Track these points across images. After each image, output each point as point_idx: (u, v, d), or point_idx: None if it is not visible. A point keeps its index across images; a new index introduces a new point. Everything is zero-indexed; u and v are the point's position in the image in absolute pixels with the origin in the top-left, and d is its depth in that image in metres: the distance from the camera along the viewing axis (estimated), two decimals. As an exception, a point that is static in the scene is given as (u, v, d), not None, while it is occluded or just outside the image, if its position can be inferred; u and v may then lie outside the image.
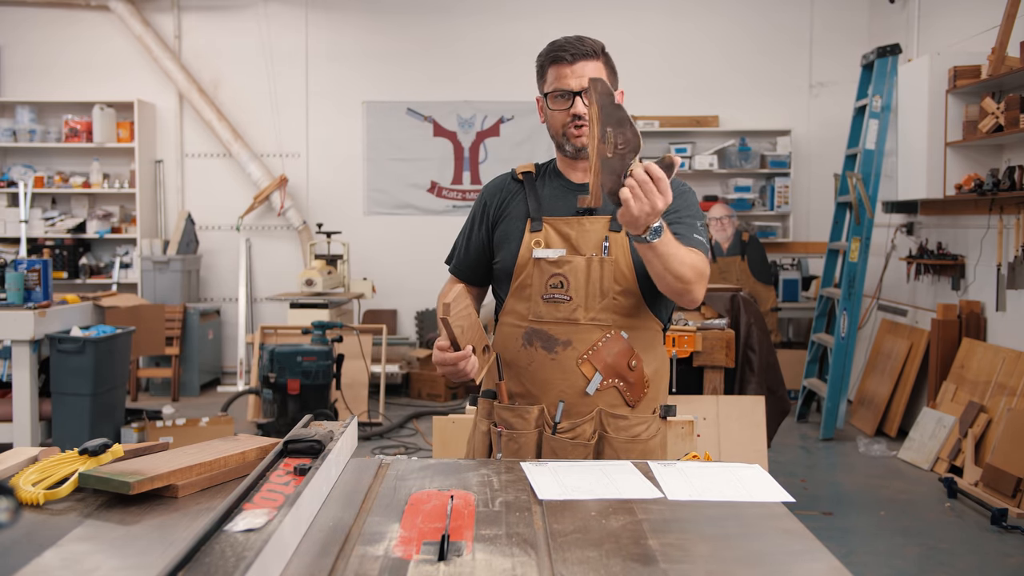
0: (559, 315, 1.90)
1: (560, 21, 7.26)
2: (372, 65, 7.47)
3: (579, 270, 1.88)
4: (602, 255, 1.89)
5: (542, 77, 1.93)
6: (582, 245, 1.90)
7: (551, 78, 1.90)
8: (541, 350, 1.91)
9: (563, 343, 1.89)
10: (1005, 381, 4.68)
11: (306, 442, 1.50)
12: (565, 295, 1.89)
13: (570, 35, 1.91)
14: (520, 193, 2.01)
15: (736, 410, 3.64)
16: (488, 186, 2.10)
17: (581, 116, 1.87)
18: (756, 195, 7.33)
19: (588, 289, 1.89)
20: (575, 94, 1.86)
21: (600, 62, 1.89)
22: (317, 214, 7.42)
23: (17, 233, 6.84)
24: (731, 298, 4.24)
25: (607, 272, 1.88)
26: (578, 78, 1.86)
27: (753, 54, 7.35)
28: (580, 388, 1.89)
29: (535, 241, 1.93)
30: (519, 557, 1.17)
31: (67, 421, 4.43)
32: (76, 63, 7.43)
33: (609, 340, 1.89)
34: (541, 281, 1.91)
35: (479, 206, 2.07)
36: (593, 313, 1.89)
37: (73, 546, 1.21)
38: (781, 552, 1.24)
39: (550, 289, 1.90)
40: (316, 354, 5.37)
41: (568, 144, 1.92)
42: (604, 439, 1.90)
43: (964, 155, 5.22)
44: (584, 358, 1.89)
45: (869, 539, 3.88)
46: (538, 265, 1.91)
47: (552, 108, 1.91)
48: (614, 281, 1.89)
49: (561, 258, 1.90)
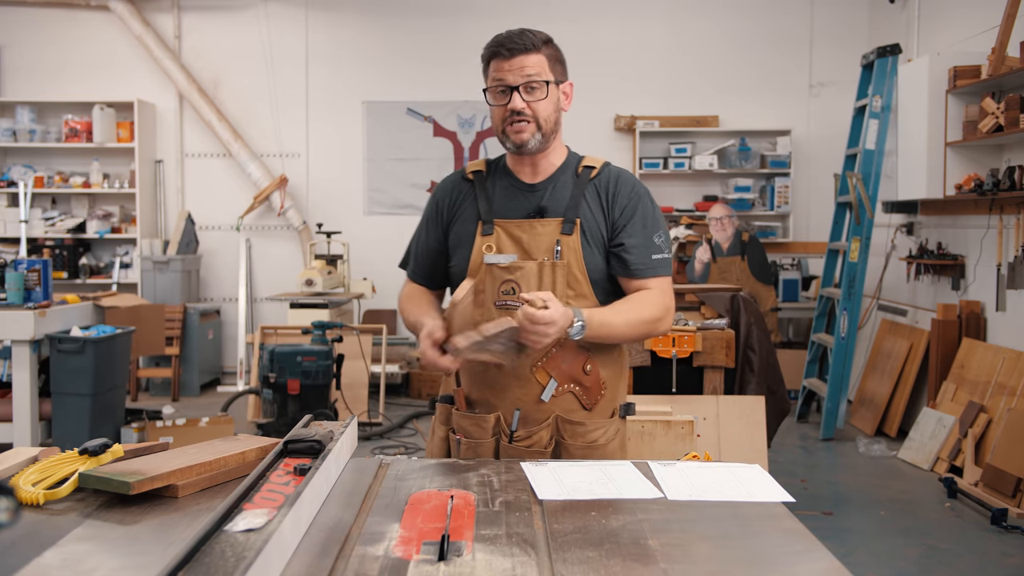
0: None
1: (561, 21, 7.28)
2: (372, 65, 7.47)
3: (531, 275, 1.85)
4: (554, 259, 1.86)
5: (485, 72, 1.90)
6: (534, 249, 1.87)
7: (491, 72, 1.86)
8: None
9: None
10: (1005, 381, 4.68)
11: (306, 442, 1.50)
12: (517, 302, 1.84)
13: (514, 28, 1.88)
14: (471, 194, 1.97)
15: (736, 410, 3.64)
16: (440, 186, 2.05)
17: (520, 112, 1.84)
18: (756, 195, 7.33)
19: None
20: (513, 89, 1.83)
21: (542, 54, 1.85)
22: (317, 214, 7.42)
23: (17, 233, 6.83)
24: (731, 298, 4.24)
25: (559, 277, 1.85)
26: (516, 72, 1.83)
27: (753, 54, 7.35)
28: (536, 395, 1.87)
29: (486, 245, 1.89)
30: (519, 557, 1.17)
31: (67, 421, 4.43)
32: (76, 63, 7.43)
33: (564, 346, 1.85)
34: (493, 287, 1.87)
35: (432, 208, 2.03)
36: None
37: (73, 546, 1.21)
38: (781, 552, 1.24)
39: (502, 296, 1.86)
40: (316, 354, 5.37)
41: (508, 141, 1.89)
42: (561, 445, 1.88)
43: (964, 155, 5.22)
44: (539, 365, 1.85)
45: (869, 539, 3.88)
46: (490, 271, 1.87)
47: (491, 103, 1.87)
48: (567, 286, 1.86)
49: (513, 264, 1.86)
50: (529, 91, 1.83)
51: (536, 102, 1.84)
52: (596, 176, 1.93)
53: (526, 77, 1.83)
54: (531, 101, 1.84)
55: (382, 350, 6.40)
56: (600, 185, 1.92)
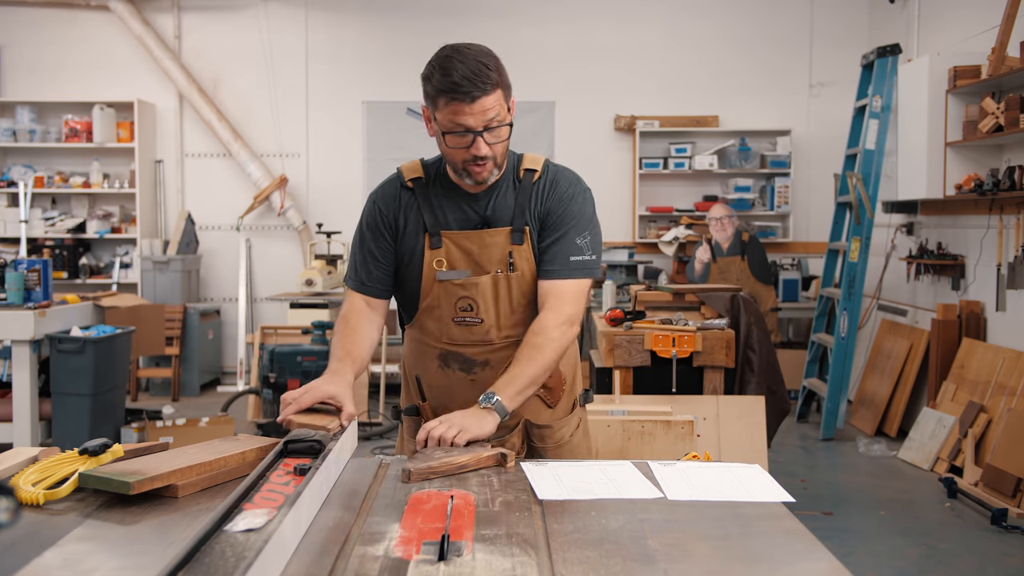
0: (473, 338, 1.85)
1: (561, 21, 7.29)
2: (372, 65, 7.47)
3: (486, 290, 1.82)
4: (508, 271, 1.82)
5: (433, 103, 1.74)
6: (485, 261, 1.83)
7: (446, 111, 1.71)
8: (459, 372, 1.87)
9: (480, 364, 1.86)
10: (1005, 381, 4.68)
11: (306, 442, 1.50)
12: (476, 317, 1.83)
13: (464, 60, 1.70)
14: (413, 203, 1.88)
15: (736, 410, 3.64)
16: (380, 194, 1.93)
17: (483, 157, 1.74)
18: (756, 195, 7.33)
19: (498, 308, 1.84)
20: (476, 133, 1.72)
21: (498, 89, 1.73)
22: (317, 214, 7.42)
23: (17, 233, 6.83)
24: (731, 298, 4.24)
25: (515, 287, 1.83)
26: (478, 115, 1.70)
27: (753, 54, 7.35)
28: None
29: (436, 260, 1.83)
30: (519, 557, 1.17)
31: (67, 421, 4.43)
32: (76, 63, 7.42)
33: None
34: (449, 303, 1.83)
35: (374, 216, 1.91)
36: (506, 331, 1.85)
37: (73, 546, 1.21)
38: (781, 552, 1.24)
39: (460, 312, 1.84)
40: (316, 354, 5.37)
41: (468, 179, 1.79)
42: (533, 449, 1.91)
43: (964, 155, 5.22)
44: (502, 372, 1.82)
45: (869, 539, 3.88)
46: (443, 287, 1.83)
47: (451, 145, 1.75)
48: (522, 295, 1.84)
49: (467, 280, 1.82)
50: (490, 132, 1.73)
51: (497, 143, 1.75)
52: (537, 179, 1.87)
53: (488, 120, 1.71)
54: (493, 143, 1.75)
55: (382, 350, 6.40)
56: (539, 189, 1.86)
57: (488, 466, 1.61)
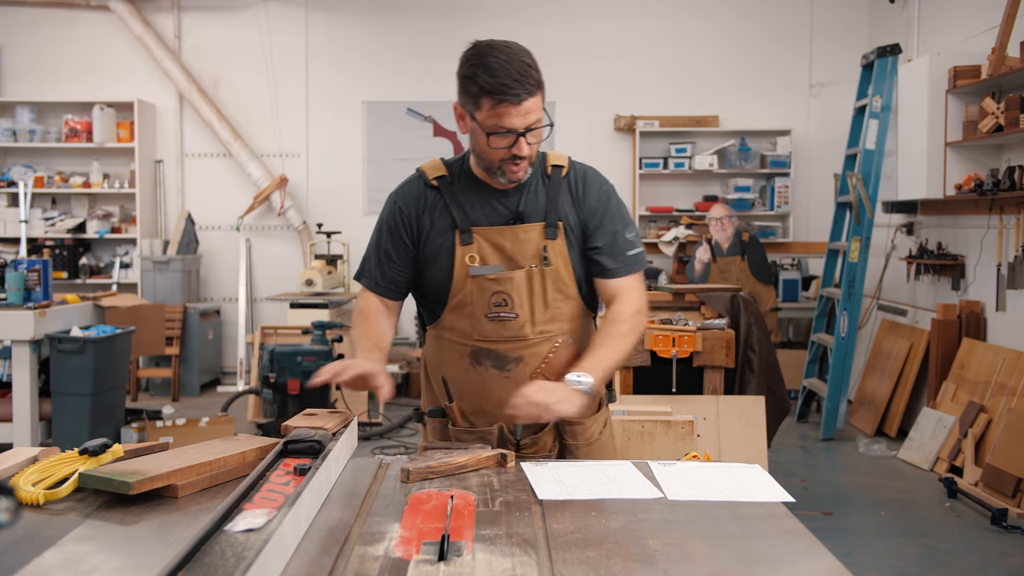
0: (507, 333, 1.83)
1: (561, 21, 7.29)
2: (372, 65, 7.47)
3: (521, 285, 1.82)
4: (542, 266, 1.83)
5: (473, 101, 1.73)
6: (519, 256, 1.83)
7: (490, 112, 1.71)
8: (492, 369, 1.85)
9: (514, 360, 1.85)
10: (1005, 381, 4.68)
11: (306, 442, 1.50)
12: (511, 312, 1.82)
13: (508, 60, 1.69)
14: (439, 202, 1.87)
15: (736, 410, 3.64)
16: (400, 194, 1.93)
17: (523, 157, 1.76)
18: (756, 195, 7.33)
19: (532, 303, 1.83)
20: (519, 134, 1.72)
21: (539, 93, 1.73)
22: (317, 214, 7.42)
23: (17, 233, 6.83)
24: (731, 298, 4.24)
25: (549, 283, 1.83)
26: (524, 116, 1.70)
27: (753, 54, 7.35)
28: None
29: (468, 256, 1.82)
30: (519, 557, 1.17)
31: (67, 421, 4.43)
32: (76, 63, 7.42)
33: (558, 349, 1.85)
34: (482, 299, 1.82)
35: (395, 216, 1.90)
36: (540, 327, 1.84)
37: (73, 546, 1.21)
38: (781, 552, 1.24)
39: (494, 308, 1.82)
40: (316, 354, 5.37)
41: (503, 177, 1.80)
42: (565, 447, 1.89)
43: (964, 155, 5.22)
44: (537, 372, 1.84)
45: (869, 539, 3.88)
46: (476, 282, 1.82)
47: (493, 146, 1.74)
48: (556, 291, 1.84)
49: (501, 274, 1.82)
50: (531, 132, 1.75)
51: (535, 143, 1.78)
52: (566, 175, 1.90)
53: (530, 122, 1.73)
54: (532, 143, 1.77)
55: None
56: (571, 184, 1.89)
57: (488, 466, 1.62)
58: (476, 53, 1.73)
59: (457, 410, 1.88)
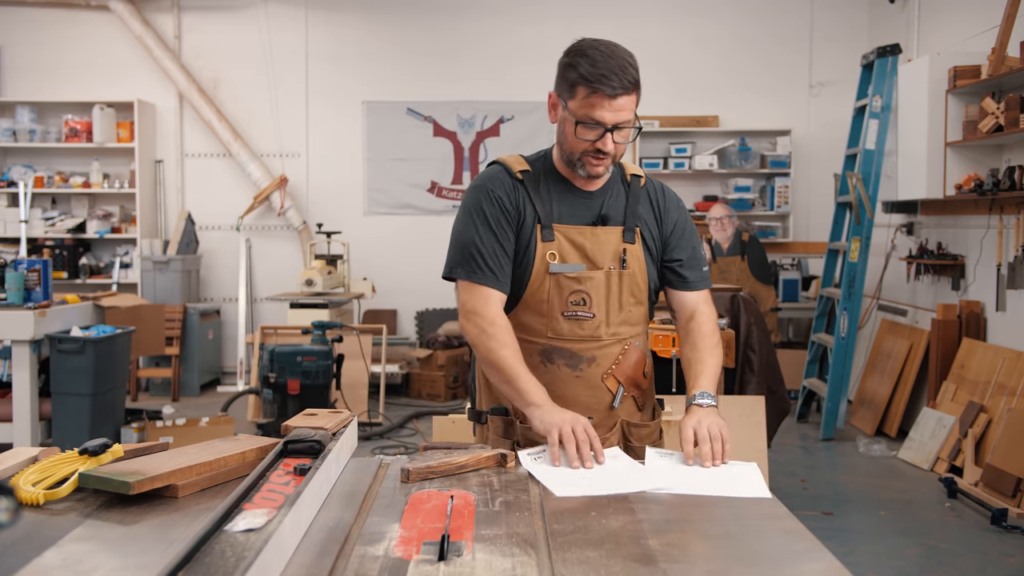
0: (583, 333, 1.84)
1: (561, 21, 7.28)
2: (372, 65, 7.47)
3: (600, 286, 1.83)
4: (620, 268, 1.84)
5: (570, 90, 1.74)
6: (599, 257, 1.83)
7: (584, 102, 1.72)
8: (565, 368, 1.85)
9: (588, 360, 1.85)
10: (1005, 381, 4.68)
11: (306, 442, 1.50)
12: (588, 312, 1.83)
13: (611, 55, 1.70)
14: (525, 195, 1.85)
15: (736, 410, 3.64)
16: (494, 182, 1.86)
17: (606, 153, 1.76)
18: (756, 195, 7.33)
19: (608, 304, 1.84)
20: (607, 130, 1.73)
21: (635, 94, 1.73)
22: (317, 214, 7.42)
23: (17, 233, 6.83)
24: (731, 298, 4.24)
25: (625, 286, 1.85)
26: (615, 112, 1.71)
27: (753, 54, 7.35)
28: (606, 403, 1.87)
29: (549, 253, 1.82)
30: (519, 557, 1.17)
31: (67, 421, 4.43)
32: (76, 63, 7.42)
33: (627, 352, 1.87)
34: (560, 297, 1.82)
35: (495, 206, 1.83)
36: (613, 328, 1.86)
37: (73, 546, 1.21)
38: (781, 552, 1.24)
39: (571, 306, 1.83)
40: (316, 354, 5.37)
41: (582, 170, 1.81)
42: (629, 449, 1.88)
43: (964, 155, 5.22)
44: (608, 373, 1.86)
45: (869, 539, 3.88)
46: (555, 280, 1.82)
47: (580, 136, 1.75)
48: (630, 294, 1.86)
49: (581, 273, 1.82)
50: (619, 131, 1.74)
51: (621, 143, 1.77)
52: (644, 185, 1.94)
53: (621, 120, 1.73)
54: (618, 143, 1.76)
55: (382, 350, 6.40)
56: (650, 195, 1.93)
57: (488, 466, 1.62)
58: (581, 45, 1.75)
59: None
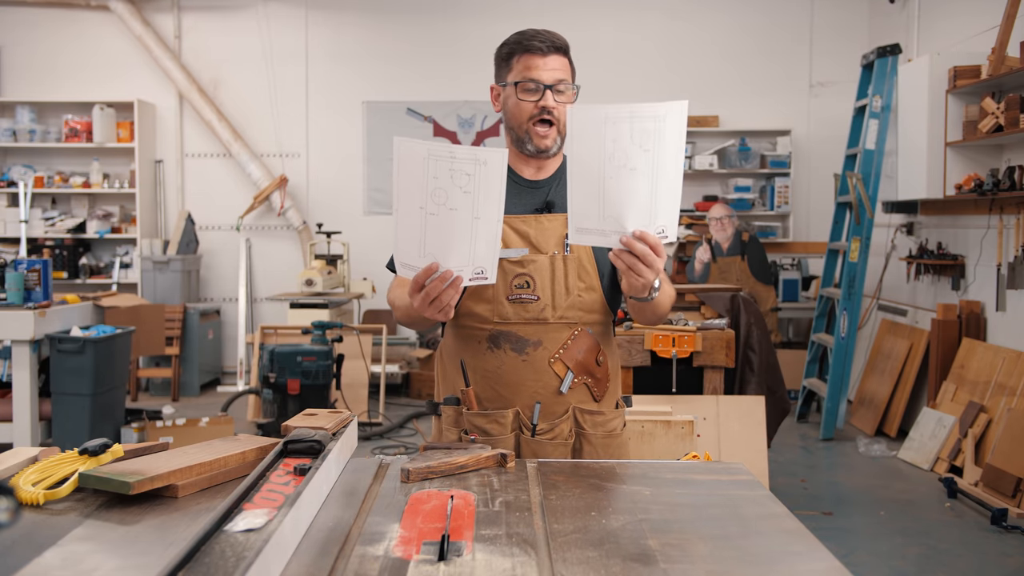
0: (527, 315, 1.87)
1: (561, 20, 7.28)
2: (372, 65, 7.47)
3: (544, 269, 1.86)
4: (564, 252, 1.87)
5: (506, 65, 1.88)
6: (543, 243, 1.88)
7: (519, 67, 1.85)
8: (511, 352, 1.87)
9: (533, 343, 1.87)
10: (1005, 381, 4.68)
11: (306, 442, 1.49)
12: (532, 295, 1.86)
13: (538, 30, 1.87)
14: None
15: (736, 410, 3.64)
16: None
17: (550, 111, 1.83)
18: (756, 195, 7.33)
19: (554, 287, 1.87)
20: (546, 87, 1.82)
21: (566, 58, 1.87)
22: (317, 214, 7.42)
23: (17, 233, 6.83)
24: (731, 298, 4.24)
25: (571, 270, 1.87)
26: (550, 71, 1.83)
27: (753, 54, 7.35)
28: (553, 388, 1.87)
29: None
30: (519, 557, 1.17)
31: (67, 421, 4.43)
32: (76, 63, 7.43)
33: (577, 337, 1.88)
34: (505, 281, 1.86)
35: None
36: (560, 311, 1.87)
37: (73, 546, 1.21)
38: (781, 552, 1.24)
39: (515, 289, 1.86)
40: (316, 354, 5.37)
41: (530, 143, 1.88)
42: (582, 436, 1.90)
43: (964, 155, 5.22)
44: (556, 357, 1.87)
45: (869, 539, 3.88)
46: (500, 265, 1.84)
47: (520, 98, 1.85)
48: (578, 278, 1.88)
49: (525, 257, 1.86)
50: (558, 92, 1.84)
51: (562, 104, 1.84)
52: None
53: (557, 80, 1.83)
54: (559, 103, 1.84)
55: (382, 350, 6.40)
56: None
57: (488, 466, 1.62)
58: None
59: (473, 395, 1.90)
